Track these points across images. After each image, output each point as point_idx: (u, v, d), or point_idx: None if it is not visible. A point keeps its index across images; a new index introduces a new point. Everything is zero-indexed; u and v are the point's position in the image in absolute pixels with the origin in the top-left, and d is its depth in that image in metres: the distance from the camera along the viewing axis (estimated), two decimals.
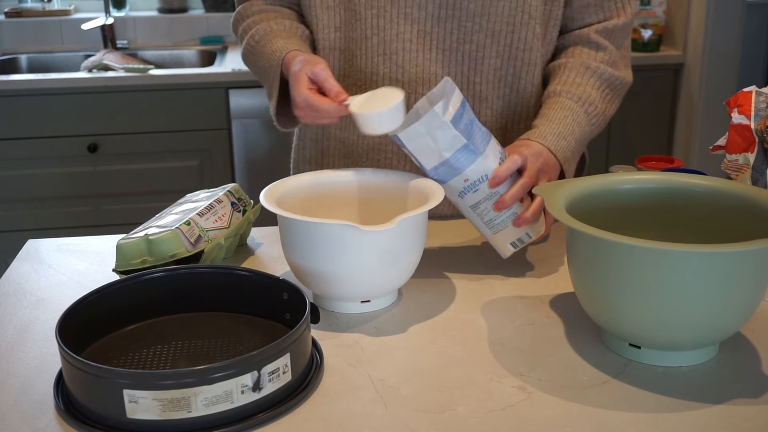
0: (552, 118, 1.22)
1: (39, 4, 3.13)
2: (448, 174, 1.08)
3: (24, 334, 1.00)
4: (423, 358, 0.94)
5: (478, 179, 1.08)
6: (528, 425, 0.81)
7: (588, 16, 1.31)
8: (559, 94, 1.26)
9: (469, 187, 1.09)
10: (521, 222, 1.11)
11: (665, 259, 0.83)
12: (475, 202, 1.11)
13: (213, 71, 2.67)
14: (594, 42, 1.30)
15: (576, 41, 1.32)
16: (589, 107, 1.27)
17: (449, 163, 1.07)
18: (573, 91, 1.26)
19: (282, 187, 1.10)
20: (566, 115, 1.23)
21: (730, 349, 0.95)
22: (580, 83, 1.27)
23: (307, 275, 1.02)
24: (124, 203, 2.72)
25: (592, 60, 1.29)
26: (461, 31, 1.26)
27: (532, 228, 1.14)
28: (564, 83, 1.28)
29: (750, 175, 1.16)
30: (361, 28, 1.27)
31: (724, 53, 2.89)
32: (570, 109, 1.24)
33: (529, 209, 1.11)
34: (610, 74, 1.30)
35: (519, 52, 1.28)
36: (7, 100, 2.58)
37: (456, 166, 1.07)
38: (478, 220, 1.13)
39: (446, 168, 1.07)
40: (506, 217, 1.11)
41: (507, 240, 1.13)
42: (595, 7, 1.30)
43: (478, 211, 1.12)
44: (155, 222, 1.14)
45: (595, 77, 1.28)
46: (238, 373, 0.79)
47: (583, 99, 1.26)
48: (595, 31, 1.31)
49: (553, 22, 1.30)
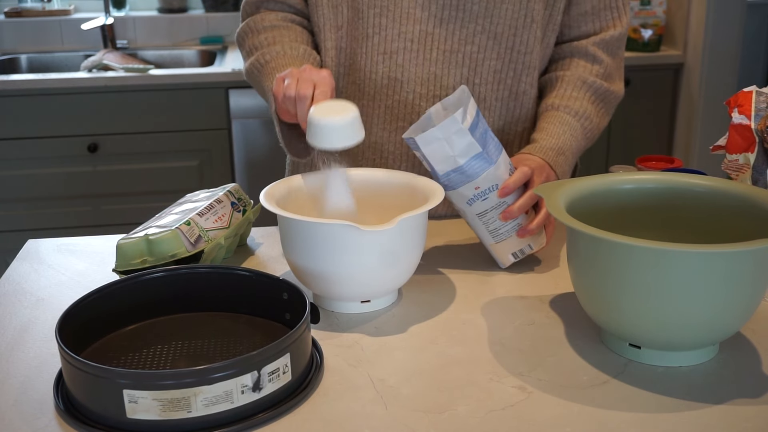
0: (551, 132, 1.25)
1: (39, 4, 3.13)
2: (459, 180, 1.09)
3: (24, 334, 1.00)
4: (423, 358, 0.94)
5: (488, 188, 1.10)
6: (528, 425, 0.81)
7: (584, 25, 1.32)
8: (557, 108, 1.28)
9: (478, 195, 1.10)
10: (525, 233, 1.13)
11: (665, 259, 0.83)
12: (483, 210, 1.12)
13: (213, 71, 2.67)
14: (591, 54, 1.31)
15: (573, 53, 1.33)
16: (585, 121, 1.29)
17: (463, 170, 1.08)
18: (570, 105, 1.28)
19: (282, 187, 1.10)
20: (564, 130, 1.26)
21: (730, 349, 0.95)
22: (577, 97, 1.29)
23: (307, 275, 1.02)
24: (124, 203, 2.72)
25: (588, 73, 1.31)
26: (463, 32, 1.26)
27: (534, 240, 1.16)
28: (561, 97, 1.29)
29: (750, 175, 1.16)
30: (362, 27, 1.27)
31: (724, 53, 2.89)
32: (568, 123, 1.26)
33: (534, 221, 1.14)
34: (606, 89, 1.32)
35: (520, 55, 1.28)
36: (7, 100, 2.58)
37: (469, 173, 1.08)
38: (482, 229, 1.14)
39: (459, 175, 1.08)
40: (511, 228, 1.13)
41: (509, 250, 1.15)
42: (592, 16, 1.31)
43: (484, 220, 1.13)
44: (155, 222, 1.14)
45: (591, 91, 1.30)
46: (238, 373, 0.79)
47: (579, 113, 1.28)
48: (593, 43, 1.32)
49: (551, 27, 1.31)
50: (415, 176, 1.12)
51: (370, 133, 1.32)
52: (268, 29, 1.31)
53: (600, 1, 1.30)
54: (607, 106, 1.34)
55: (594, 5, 1.30)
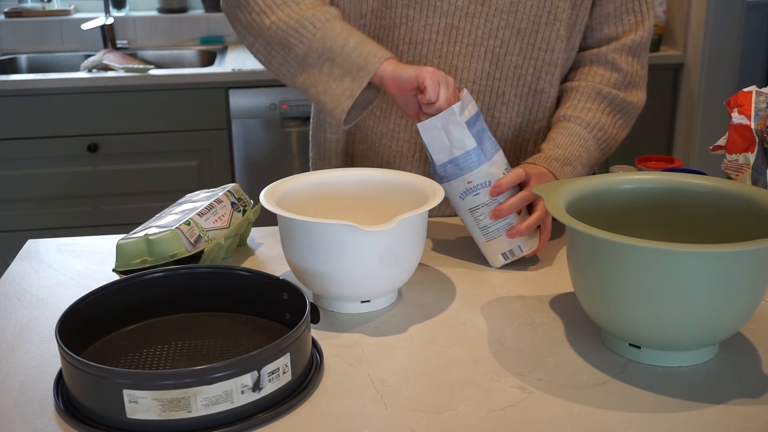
0: (559, 143, 1.25)
1: (39, 4, 3.13)
2: (454, 173, 1.12)
3: (24, 334, 1.00)
4: (423, 358, 0.94)
5: (480, 183, 1.12)
6: (528, 425, 0.81)
7: (606, 27, 1.32)
8: (569, 119, 1.29)
9: (470, 190, 1.13)
10: (515, 233, 1.14)
11: (665, 259, 0.83)
12: (474, 205, 1.14)
13: (213, 71, 2.67)
14: (610, 62, 1.31)
15: (592, 61, 1.33)
16: (598, 132, 1.29)
17: (457, 162, 1.12)
18: (582, 116, 1.28)
19: (282, 187, 1.10)
20: (573, 141, 1.26)
21: (730, 349, 0.95)
22: (590, 108, 1.29)
23: (307, 275, 1.02)
24: (124, 203, 2.72)
25: (605, 84, 1.31)
26: (487, 26, 1.27)
27: (526, 242, 1.16)
28: (574, 108, 1.30)
29: (750, 175, 1.16)
30: (390, 17, 1.28)
31: (724, 53, 2.89)
32: (578, 135, 1.27)
33: (525, 222, 1.14)
34: (621, 100, 1.31)
35: (541, 52, 1.29)
36: (7, 100, 2.58)
37: (463, 166, 1.12)
38: (474, 225, 1.16)
39: (454, 166, 1.12)
40: (501, 227, 1.15)
41: (499, 250, 1.16)
42: (615, 19, 1.31)
43: (475, 215, 1.15)
44: (155, 222, 1.14)
45: (606, 102, 1.30)
46: (238, 373, 0.79)
47: (592, 125, 1.28)
48: (613, 50, 1.31)
49: (578, 28, 1.31)
50: (415, 176, 1.12)
51: (388, 121, 1.34)
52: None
53: (623, 4, 1.30)
54: (625, 117, 1.33)
55: (617, 7, 1.30)
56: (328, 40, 1.19)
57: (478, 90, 1.30)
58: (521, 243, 1.16)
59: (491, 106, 1.31)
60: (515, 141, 1.34)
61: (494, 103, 1.31)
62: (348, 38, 1.19)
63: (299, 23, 1.20)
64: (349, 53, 1.18)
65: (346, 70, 1.18)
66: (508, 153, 1.34)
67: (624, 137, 1.35)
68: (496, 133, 1.33)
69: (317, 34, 1.19)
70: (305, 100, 2.68)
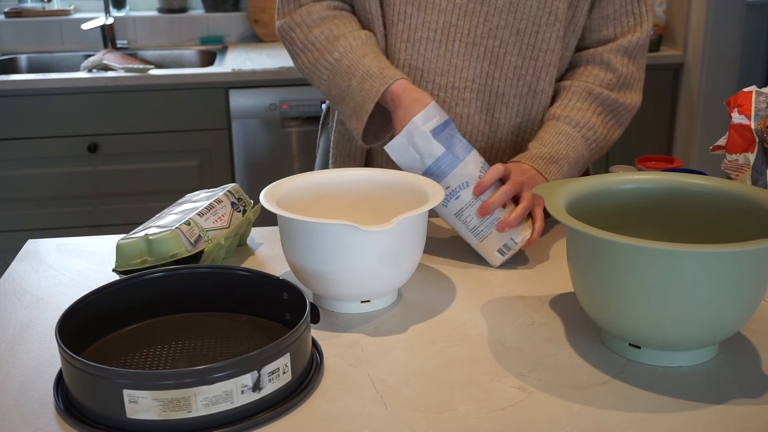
0: (545, 141, 1.26)
1: (39, 4, 3.13)
2: None
3: (24, 334, 1.00)
4: (423, 358, 0.94)
5: (458, 186, 1.14)
6: (528, 425, 0.81)
7: (605, 29, 1.31)
8: (558, 118, 1.29)
9: (450, 194, 1.15)
10: (504, 226, 1.15)
11: (665, 259, 0.83)
12: (459, 209, 1.15)
13: (213, 71, 2.67)
14: (605, 62, 1.31)
15: (588, 60, 1.33)
16: (588, 132, 1.29)
17: (431, 171, 1.14)
18: (572, 116, 1.28)
19: (282, 187, 1.10)
20: (561, 139, 1.26)
21: (730, 349, 0.95)
22: (581, 108, 1.29)
23: (307, 275, 1.02)
24: (124, 203, 2.72)
25: (597, 84, 1.30)
26: (486, 25, 1.27)
27: (518, 234, 1.16)
28: (564, 107, 1.30)
29: (750, 175, 1.16)
30: (389, 14, 1.29)
31: (724, 53, 2.89)
32: (566, 134, 1.27)
33: (512, 213, 1.15)
34: (613, 100, 1.31)
35: (541, 52, 1.29)
36: (7, 100, 2.58)
37: (437, 173, 1.14)
38: (463, 228, 1.17)
39: (429, 176, 1.14)
40: (489, 223, 1.15)
41: (494, 247, 1.16)
42: (613, 21, 1.31)
43: (462, 218, 1.16)
44: (155, 222, 1.15)
45: (597, 102, 1.30)
46: (238, 373, 0.79)
47: (581, 124, 1.28)
48: (609, 50, 1.31)
49: (573, 28, 1.31)
50: (415, 176, 1.12)
51: None
52: (320, 22, 1.29)
53: (622, 6, 1.30)
54: (617, 118, 1.33)
55: (616, 9, 1.30)
56: (338, 78, 1.27)
57: (477, 89, 1.30)
58: (513, 235, 1.16)
59: (491, 106, 1.31)
60: (514, 141, 1.34)
61: (494, 103, 1.31)
62: (351, 78, 1.25)
63: (315, 66, 1.30)
64: (353, 95, 1.25)
65: (353, 109, 1.26)
66: (507, 153, 1.34)
67: (616, 138, 1.34)
68: (495, 133, 1.33)
69: (330, 77, 1.28)
70: (305, 101, 2.69)
